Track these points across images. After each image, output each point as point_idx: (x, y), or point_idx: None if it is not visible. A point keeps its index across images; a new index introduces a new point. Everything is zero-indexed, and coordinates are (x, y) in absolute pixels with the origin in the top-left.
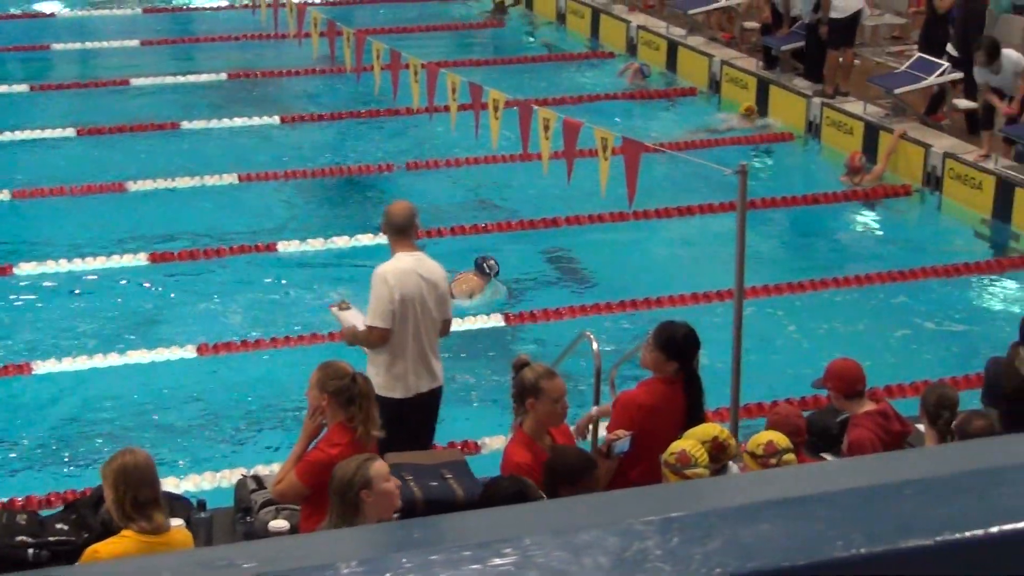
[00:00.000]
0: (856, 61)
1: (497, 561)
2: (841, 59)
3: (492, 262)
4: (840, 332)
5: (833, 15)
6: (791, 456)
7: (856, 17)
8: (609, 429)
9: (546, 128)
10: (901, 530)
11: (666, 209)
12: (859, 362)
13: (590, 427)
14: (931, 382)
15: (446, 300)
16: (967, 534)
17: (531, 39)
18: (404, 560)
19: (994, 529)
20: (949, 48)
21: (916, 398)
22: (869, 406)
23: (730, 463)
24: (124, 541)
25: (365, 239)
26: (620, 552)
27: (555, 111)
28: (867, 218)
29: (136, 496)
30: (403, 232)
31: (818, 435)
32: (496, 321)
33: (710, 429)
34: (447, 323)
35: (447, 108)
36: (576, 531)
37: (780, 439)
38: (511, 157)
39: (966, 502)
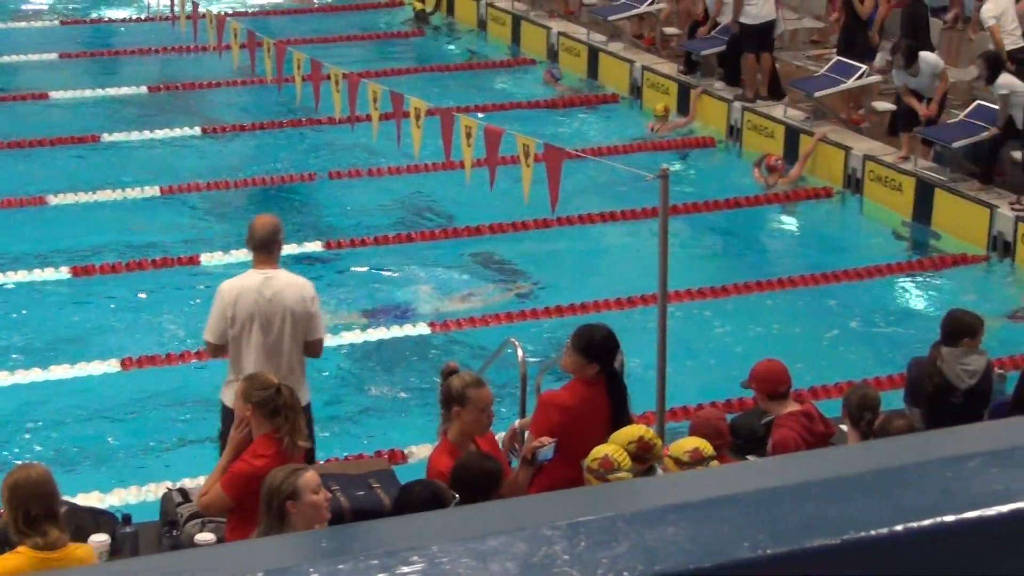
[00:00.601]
0: (777, 65)
1: (404, 569)
2: (760, 64)
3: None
4: (766, 334)
5: (744, 20)
6: (716, 463)
7: (770, 26)
8: (531, 429)
9: (468, 136)
10: (807, 529)
11: (589, 215)
12: (784, 363)
13: (516, 444)
14: (855, 383)
15: (309, 320)
16: (872, 533)
17: (452, 47)
18: (311, 570)
19: (899, 528)
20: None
21: (840, 399)
22: (793, 407)
23: (657, 465)
24: (17, 557)
25: (288, 249)
26: (527, 557)
27: (477, 118)
28: (790, 221)
29: (28, 511)
30: (262, 248)
31: (744, 438)
32: (423, 329)
33: (634, 430)
34: (314, 344)
35: (369, 117)
36: (484, 537)
37: (705, 446)
38: (433, 165)
39: (872, 501)
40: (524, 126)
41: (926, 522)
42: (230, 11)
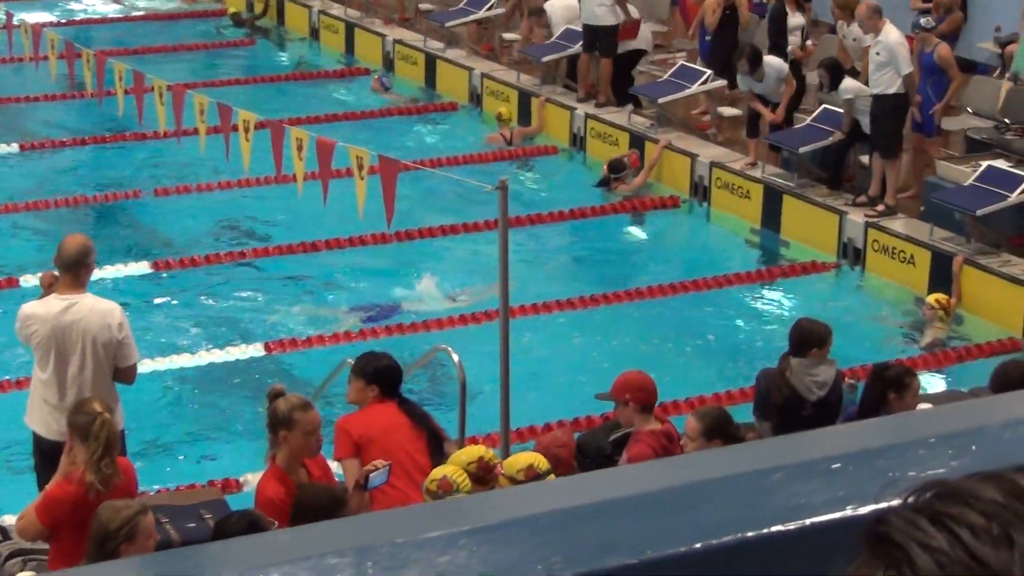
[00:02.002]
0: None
1: None
2: (599, 68)
3: None
4: (615, 348)
5: (589, 22)
6: (553, 478)
7: (613, 29)
8: (335, 456)
9: (299, 148)
10: (604, 549)
11: (429, 228)
12: None
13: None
14: (706, 397)
15: (117, 346)
16: (671, 551)
17: (283, 56)
18: None
19: (698, 545)
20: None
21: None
22: (654, 425)
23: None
24: None
25: (114, 271)
26: None
27: (308, 130)
28: (637, 231)
29: None
30: (68, 270)
31: (591, 456)
32: (256, 351)
33: (475, 451)
34: (125, 371)
35: (196, 131)
36: (267, 567)
37: (540, 462)
38: (264, 180)
39: (673, 518)
40: (359, 137)
41: (727, 538)
42: (52, 20)
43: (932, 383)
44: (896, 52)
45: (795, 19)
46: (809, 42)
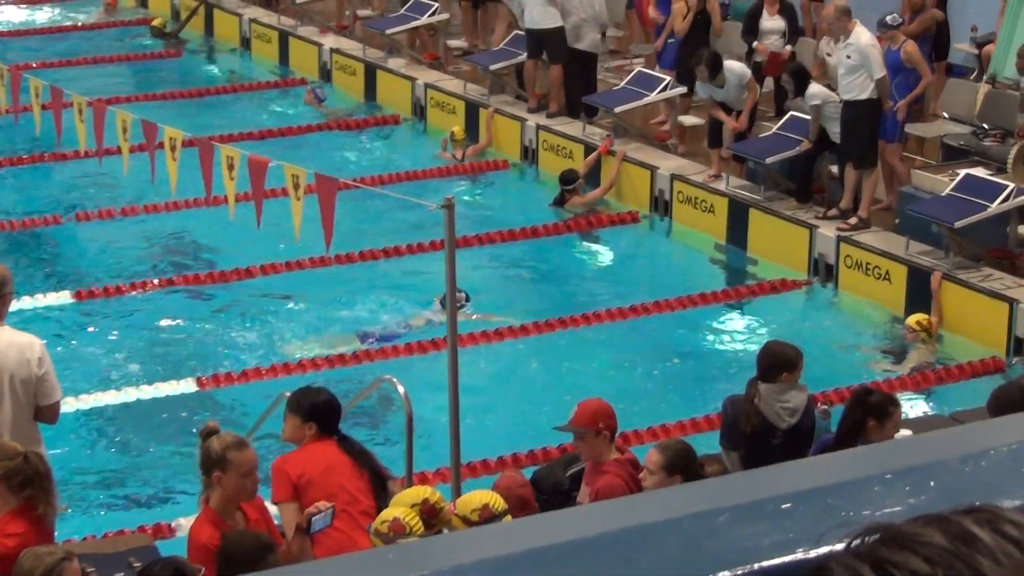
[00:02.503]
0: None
1: None
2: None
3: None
4: (573, 375)
5: (530, 27)
6: (510, 519)
7: (558, 33)
8: (272, 500)
9: (230, 168)
10: None
11: (371, 251)
12: None
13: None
14: (670, 426)
15: (37, 383)
16: None
17: (213, 68)
18: None
19: None
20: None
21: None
22: (616, 454)
23: (445, 531)
24: None
25: (33, 301)
26: None
27: (240, 148)
28: (594, 249)
29: None
30: None
31: (549, 492)
32: (187, 386)
33: (419, 492)
34: (47, 409)
35: (119, 150)
36: None
37: (496, 502)
38: (194, 202)
39: (608, 564)
40: (295, 155)
41: None
42: None
43: (913, 406)
44: (868, 55)
45: (773, 22)
46: (788, 47)
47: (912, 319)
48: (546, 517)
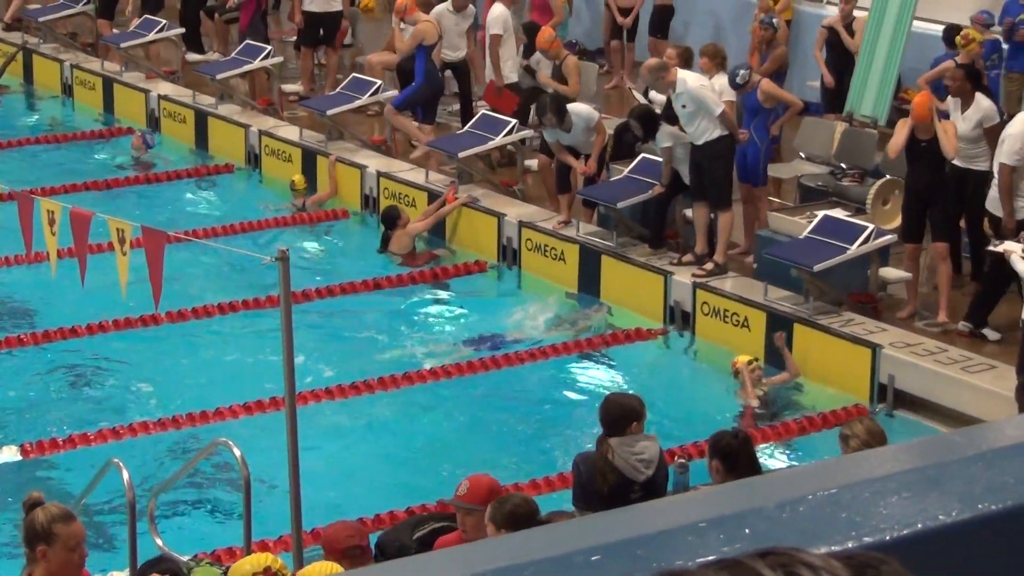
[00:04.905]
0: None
1: None
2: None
3: None
4: (419, 432)
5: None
6: None
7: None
8: None
9: (51, 222)
10: None
11: (204, 307)
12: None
13: None
14: (523, 485)
15: None
16: None
17: (32, 117)
18: None
19: None
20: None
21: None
22: None
23: None
24: None
25: None
26: None
27: (62, 200)
28: (442, 298)
29: None
30: None
31: (394, 557)
32: (10, 454)
33: (260, 559)
34: None
35: None
36: None
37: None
38: (15, 259)
39: None
40: (121, 206)
41: None
42: None
43: (775, 458)
44: (700, 96)
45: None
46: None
47: (741, 359)
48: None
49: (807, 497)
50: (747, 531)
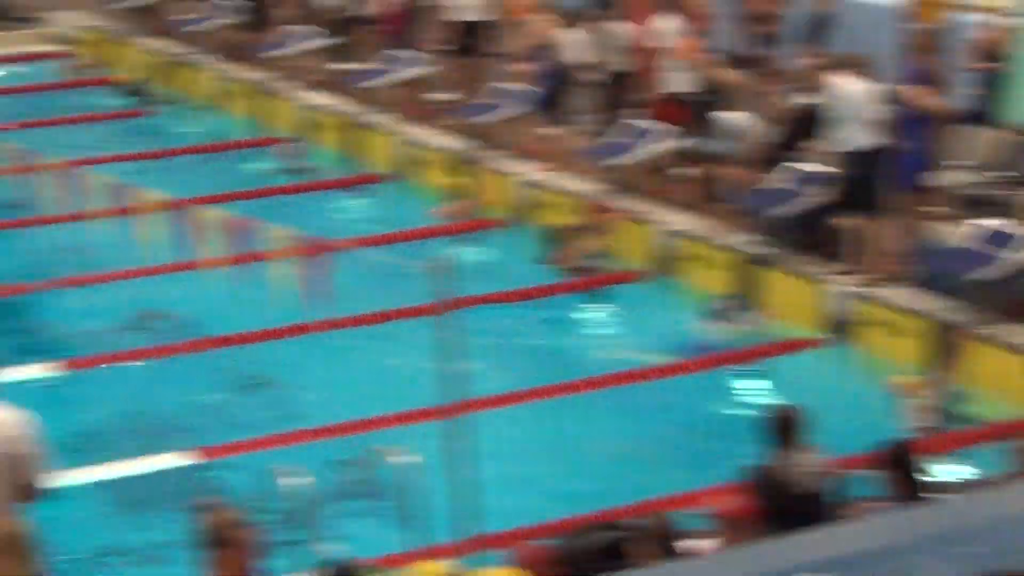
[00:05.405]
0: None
1: None
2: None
3: None
4: (572, 445)
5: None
6: None
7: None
8: None
9: (208, 231)
10: None
11: (362, 315)
12: None
13: None
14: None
15: (23, 462)
16: None
17: (186, 127)
18: None
19: None
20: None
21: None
22: None
23: None
24: None
25: (17, 373)
26: None
27: (219, 209)
28: (594, 309)
29: None
30: None
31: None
32: (183, 458)
33: (434, 568)
34: (26, 488)
35: (90, 214)
36: None
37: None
38: (175, 266)
39: None
40: (276, 215)
41: None
42: None
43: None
44: (852, 102)
45: None
46: None
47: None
48: None
49: None
50: None
